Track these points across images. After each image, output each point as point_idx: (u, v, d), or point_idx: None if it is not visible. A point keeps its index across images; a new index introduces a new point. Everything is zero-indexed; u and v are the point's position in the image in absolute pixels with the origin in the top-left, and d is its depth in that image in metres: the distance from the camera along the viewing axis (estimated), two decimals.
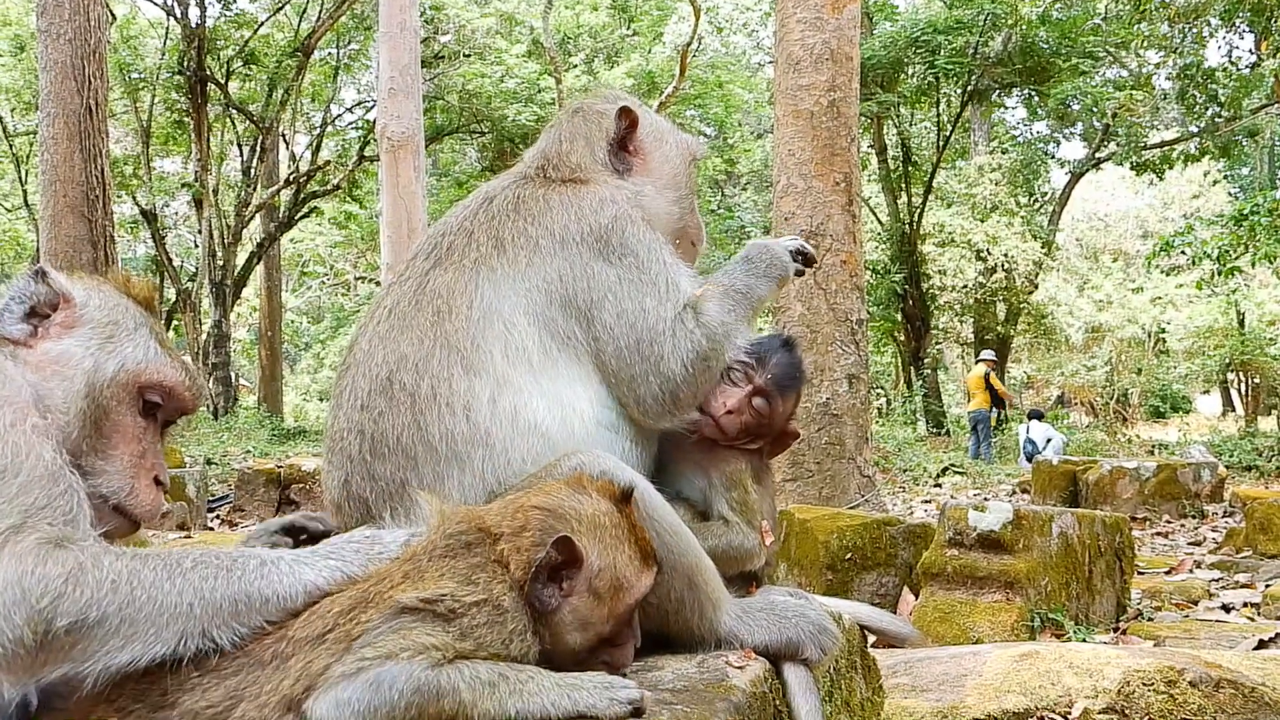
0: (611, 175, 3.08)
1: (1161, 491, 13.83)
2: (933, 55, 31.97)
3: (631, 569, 2.29)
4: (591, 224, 2.81)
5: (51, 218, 15.96)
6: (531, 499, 2.33)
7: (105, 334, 2.44)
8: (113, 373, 2.41)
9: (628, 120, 3.14)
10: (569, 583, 2.23)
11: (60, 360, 2.37)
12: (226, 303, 34.22)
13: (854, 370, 12.08)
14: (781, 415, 3.18)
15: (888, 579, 7.43)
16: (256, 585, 2.14)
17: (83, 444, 2.34)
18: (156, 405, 2.49)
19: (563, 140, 3.16)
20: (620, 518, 2.33)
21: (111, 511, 2.39)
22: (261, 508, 14.12)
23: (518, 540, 2.23)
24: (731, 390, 3.07)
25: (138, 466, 2.43)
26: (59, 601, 1.96)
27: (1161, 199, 54.24)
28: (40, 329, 2.41)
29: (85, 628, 1.98)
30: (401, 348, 2.71)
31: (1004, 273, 36.09)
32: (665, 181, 3.17)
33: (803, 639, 2.73)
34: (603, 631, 2.28)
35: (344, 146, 39.49)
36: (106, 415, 2.39)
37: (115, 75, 30.45)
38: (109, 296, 2.52)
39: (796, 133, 12.25)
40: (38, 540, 2.01)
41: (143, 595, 2.03)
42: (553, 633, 2.23)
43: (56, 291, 2.44)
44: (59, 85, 15.81)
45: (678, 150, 3.25)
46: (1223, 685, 4.15)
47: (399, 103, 12.98)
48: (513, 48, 38.24)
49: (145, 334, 2.51)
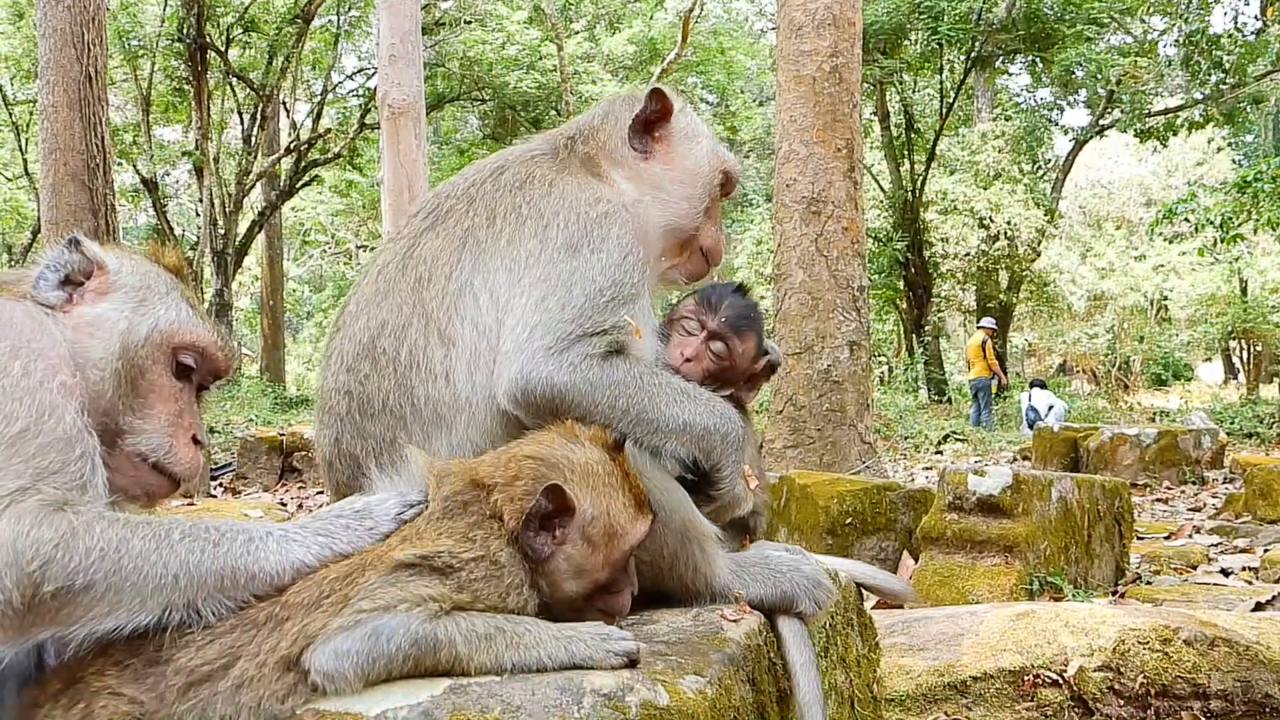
0: (631, 156, 3.08)
1: (1162, 458, 13.86)
2: (936, 21, 31.77)
3: (625, 516, 2.30)
4: (579, 214, 2.79)
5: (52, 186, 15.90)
6: (524, 449, 2.35)
7: (139, 298, 2.51)
8: (146, 332, 2.47)
9: (658, 103, 3.12)
10: (562, 531, 2.25)
11: (96, 323, 2.43)
12: (228, 271, 34.15)
13: (855, 337, 12.09)
14: (743, 356, 3.21)
15: (887, 543, 7.47)
16: (244, 560, 2.17)
17: (119, 403, 2.39)
18: (190, 368, 2.54)
19: (598, 115, 3.19)
20: (613, 465, 2.35)
21: (151, 470, 2.44)
22: (264, 475, 14.20)
23: (510, 490, 2.26)
24: (687, 339, 3.10)
25: (175, 425, 2.48)
26: (47, 566, 2.00)
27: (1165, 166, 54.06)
28: (75, 296, 2.47)
29: (71, 593, 2.02)
30: (383, 313, 2.75)
31: (1006, 240, 35.98)
32: (682, 177, 3.12)
33: (797, 593, 2.76)
34: (599, 579, 2.30)
35: (345, 114, 39.30)
36: (142, 374, 2.45)
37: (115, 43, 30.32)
38: (140, 264, 2.59)
39: (798, 99, 12.21)
40: (39, 502, 2.05)
41: (129, 565, 2.07)
42: (549, 581, 2.26)
43: (90, 259, 2.51)
44: (58, 53, 15.72)
45: (707, 155, 3.19)
46: (1217, 644, 4.18)
47: (400, 70, 12.92)
48: (514, 14, 37.99)
49: (177, 297, 2.58)
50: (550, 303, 2.63)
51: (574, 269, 2.68)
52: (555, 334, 2.59)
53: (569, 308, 2.62)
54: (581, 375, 2.57)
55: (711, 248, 3.22)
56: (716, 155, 3.22)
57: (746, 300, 3.28)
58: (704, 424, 2.68)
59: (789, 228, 12.23)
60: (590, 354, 2.59)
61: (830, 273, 12.03)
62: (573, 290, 2.65)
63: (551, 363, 2.56)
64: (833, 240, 12.03)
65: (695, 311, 3.19)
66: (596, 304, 2.64)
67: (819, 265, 12.03)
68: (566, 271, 2.68)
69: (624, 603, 2.39)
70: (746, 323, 3.22)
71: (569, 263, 2.69)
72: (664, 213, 3.06)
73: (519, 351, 2.58)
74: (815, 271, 12.02)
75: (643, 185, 3.05)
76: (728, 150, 3.32)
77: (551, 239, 2.73)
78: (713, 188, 3.18)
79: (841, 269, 12.07)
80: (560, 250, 2.71)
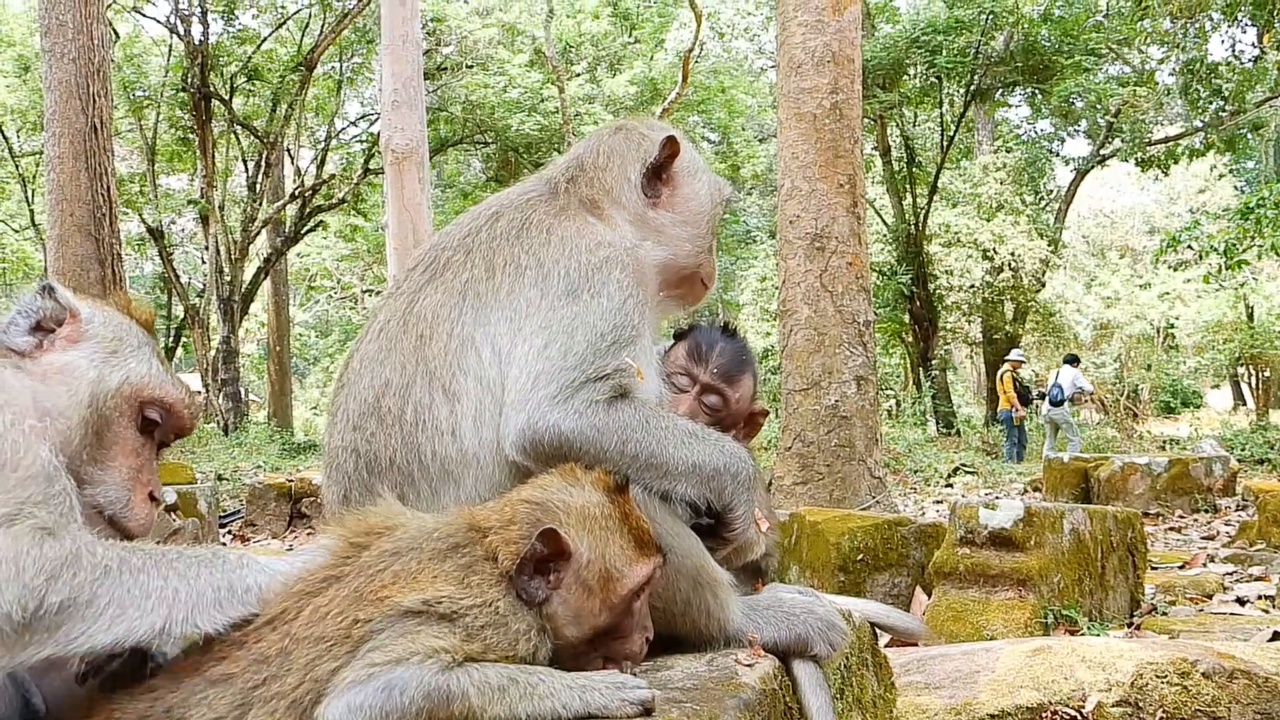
0: (638, 202, 3.06)
1: (1173, 486, 13.79)
2: (934, 55, 31.95)
3: (622, 559, 2.28)
4: (578, 261, 2.77)
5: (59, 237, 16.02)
6: (522, 493, 2.34)
7: (110, 349, 2.49)
8: (117, 384, 2.45)
9: (671, 150, 3.10)
10: (557, 575, 2.23)
11: (65, 370, 2.42)
12: (235, 318, 34.29)
13: (862, 372, 12.09)
14: (740, 401, 3.19)
15: (900, 579, 7.42)
16: (238, 575, 2.21)
17: (83, 453, 2.38)
18: (155, 424, 2.53)
19: (600, 154, 3.12)
20: (612, 508, 2.32)
21: (106, 523, 2.42)
22: (273, 522, 14.16)
23: (506, 533, 2.25)
24: (679, 397, 3.07)
25: (134, 480, 2.47)
26: (53, 581, 1.99)
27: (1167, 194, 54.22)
28: (45, 342, 2.46)
29: (75, 607, 2.02)
30: (386, 372, 2.74)
31: (1011, 271, 36.00)
32: (687, 218, 3.11)
33: (811, 635, 2.74)
34: (598, 623, 2.28)
35: (348, 160, 39.57)
36: (108, 425, 2.43)
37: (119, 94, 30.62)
38: (113, 316, 2.58)
39: (800, 136, 12.27)
40: (32, 527, 2.04)
41: (130, 579, 2.08)
42: (551, 625, 2.24)
43: (63, 306, 2.49)
44: (64, 105, 15.87)
45: (708, 189, 3.19)
46: (1236, 676, 4.15)
47: (402, 115, 12.99)
48: (515, 58, 38.32)
49: (148, 352, 2.57)
50: (552, 350, 2.62)
51: (574, 315, 2.67)
52: (559, 381, 2.57)
53: (571, 354, 2.61)
54: (588, 421, 2.55)
55: (708, 278, 3.23)
56: (716, 189, 3.23)
57: (735, 343, 3.25)
58: (714, 465, 2.67)
59: (793, 264, 12.25)
60: (595, 399, 2.57)
61: (835, 308, 12.05)
62: (574, 336, 2.63)
63: (557, 410, 2.54)
64: (837, 275, 12.06)
65: (685, 366, 3.16)
66: (598, 348, 2.63)
67: (824, 301, 12.04)
68: (568, 318, 2.66)
69: (633, 649, 2.36)
70: (738, 368, 3.20)
71: (569, 309, 2.68)
72: (667, 253, 3.05)
73: (524, 402, 2.57)
74: (820, 307, 12.03)
75: (646, 229, 3.03)
76: (722, 179, 3.32)
77: (551, 287, 2.72)
78: (713, 220, 3.19)
79: (846, 304, 12.09)
80: (560, 297, 2.70)
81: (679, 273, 3.11)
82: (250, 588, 2.21)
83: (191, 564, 2.18)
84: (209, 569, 2.19)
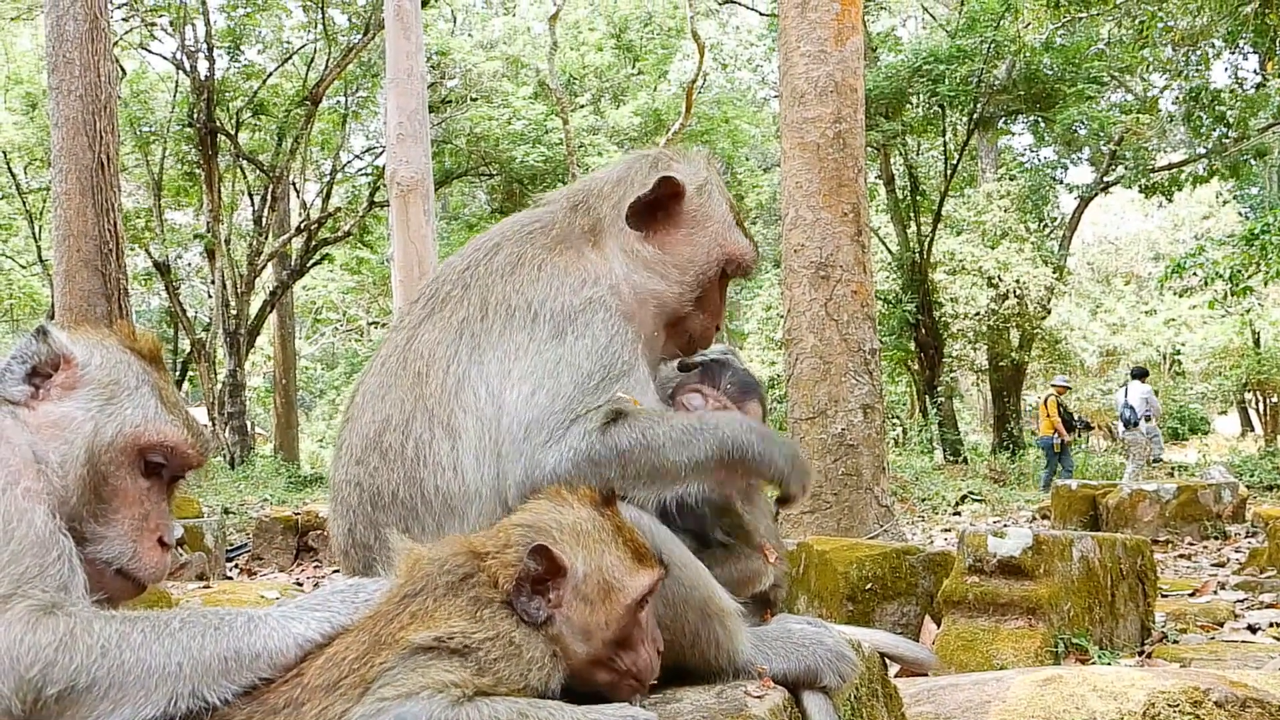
0: (626, 232, 3.01)
1: (1182, 513, 13.74)
2: (936, 84, 32.06)
3: (620, 569, 2.28)
4: (566, 302, 2.77)
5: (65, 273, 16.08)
6: (515, 517, 2.36)
7: (106, 395, 2.41)
8: (111, 436, 2.38)
9: (668, 189, 3.04)
10: (556, 593, 2.23)
11: (60, 424, 2.35)
12: (241, 352, 34.34)
13: (868, 400, 12.07)
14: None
15: (909, 608, 7.39)
16: (246, 641, 2.15)
17: (83, 510, 2.31)
18: (160, 465, 2.46)
19: (611, 180, 3.12)
20: (603, 521, 2.33)
21: (115, 575, 2.37)
22: (280, 555, 14.12)
23: (502, 556, 2.25)
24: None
25: (140, 529, 2.40)
26: (49, 670, 1.96)
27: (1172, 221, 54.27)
28: (41, 390, 2.39)
29: (75, 694, 1.98)
30: (386, 408, 2.75)
31: (1016, 299, 35.98)
32: (676, 262, 3.04)
33: (821, 666, 2.72)
34: (606, 637, 2.26)
35: (354, 193, 39.71)
36: (106, 481, 2.36)
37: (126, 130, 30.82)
38: (111, 353, 2.50)
39: (803, 165, 12.30)
40: (28, 608, 2.01)
41: (131, 658, 2.03)
42: (561, 647, 2.24)
43: (57, 351, 2.42)
44: (71, 141, 15.97)
45: (707, 244, 3.09)
46: (1249, 704, 4.12)
47: (408, 147, 13.07)
48: (519, 90, 38.54)
49: (146, 392, 2.48)
50: (540, 396, 2.62)
51: (560, 357, 2.67)
52: (549, 427, 2.58)
53: (559, 398, 2.61)
54: (584, 455, 2.56)
55: (699, 335, 3.16)
56: (717, 243, 3.11)
57: (737, 364, 3.26)
58: (715, 454, 2.67)
59: (798, 293, 12.26)
60: (588, 430, 2.58)
61: (841, 336, 12.04)
62: (560, 379, 2.64)
63: (552, 455, 2.55)
64: (842, 304, 12.06)
65: (695, 388, 3.17)
66: (585, 388, 2.63)
67: (829, 329, 12.04)
68: (553, 361, 2.67)
69: (643, 663, 2.33)
70: (749, 387, 3.20)
71: (555, 351, 2.69)
72: (653, 290, 3.01)
73: (519, 455, 2.58)
74: (826, 336, 12.03)
75: (634, 262, 2.99)
76: (742, 243, 3.18)
77: (539, 331, 2.73)
78: (706, 277, 3.09)
79: (852, 332, 12.09)
80: (547, 341, 2.71)
81: (666, 315, 3.06)
82: (260, 654, 2.15)
83: (196, 633, 2.12)
84: (214, 636, 2.13)
